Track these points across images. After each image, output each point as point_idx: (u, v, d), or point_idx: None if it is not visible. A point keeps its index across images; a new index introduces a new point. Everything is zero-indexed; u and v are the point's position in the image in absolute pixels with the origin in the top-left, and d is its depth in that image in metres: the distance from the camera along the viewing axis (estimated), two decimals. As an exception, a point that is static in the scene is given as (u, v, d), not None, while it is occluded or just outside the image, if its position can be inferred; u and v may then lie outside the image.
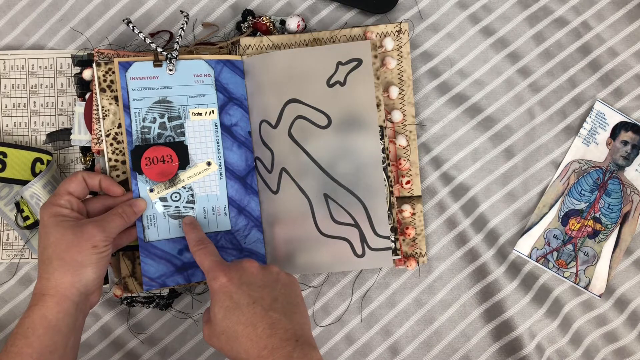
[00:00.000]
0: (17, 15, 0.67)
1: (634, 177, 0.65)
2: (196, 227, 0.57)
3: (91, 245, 0.51)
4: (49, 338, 0.49)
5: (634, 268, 0.65)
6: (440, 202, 0.65)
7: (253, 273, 0.51)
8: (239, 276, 0.50)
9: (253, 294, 0.49)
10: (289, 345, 0.46)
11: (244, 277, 0.50)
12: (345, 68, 0.60)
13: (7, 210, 0.63)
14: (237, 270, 0.50)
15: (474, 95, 0.66)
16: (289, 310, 0.49)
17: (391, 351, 0.64)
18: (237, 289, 0.49)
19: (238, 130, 0.62)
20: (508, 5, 0.67)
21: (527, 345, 0.63)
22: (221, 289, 0.49)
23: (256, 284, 0.50)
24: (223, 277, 0.50)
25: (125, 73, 0.59)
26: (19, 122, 0.66)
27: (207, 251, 0.53)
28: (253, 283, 0.50)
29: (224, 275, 0.50)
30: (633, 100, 0.66)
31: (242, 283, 0.49)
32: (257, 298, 0.49)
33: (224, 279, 0.49)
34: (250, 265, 0.51)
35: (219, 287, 0.49)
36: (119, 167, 0.59)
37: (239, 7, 0.67)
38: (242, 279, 0.50)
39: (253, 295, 0.49)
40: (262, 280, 0.50)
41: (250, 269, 0.51)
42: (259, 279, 0.50)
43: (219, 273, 0.50)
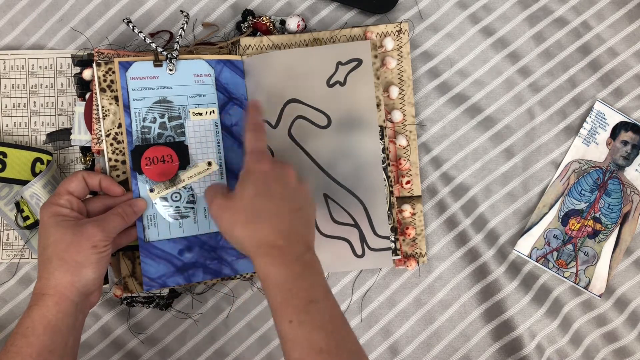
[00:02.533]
0: (17, 15, 0.67)
1: (634, 177, 0.65)
2: (259, 112, 0.56)
3: (91, 245, 0.51)
4: (49, 338, 0.49)
5: (634, 268, 0.65)
6: (440, 202, 0.65)
7: (291, 178, 0.52)
8: (280, 172, 0.51)
9: (286, 192, 0.50)
10: (302, 247, 0.49)
11: (282, 176, 0.51)
12: (345, 68, 0.60)
13: (7, 210, 0.63)
14: (281, 167, 0.52)
15: (474, 95, 0.66)
16: (307, 223, 0.51)
17: (391, 351, 0.64)
18: (275, 180, 0.50)
19: (238, 130, 0.62)
20: (508, 5, 0.67)
21: (527, 345, 0.63)
22: (261, 172, 0.50)
23: (291, 187, 0.51)
24: (267, 164, 0.51)
25: (125, 73, 0.59)
26: (19, 122, 0.66)
27: (260, 137, 0.54)
28: (289, 184, 0.51)
29: (269, 164, 0.51)
30: (633, 100, 0.66)
31: (281, 179, 0.51)
32: (288, 197, 0.50)
33: (267, 166, 0.51)
34: (291, 171, 0.52)
35: (260, 170, 0.51)
36: (119, 167, 0.59)
37: (239, 7, 0.67)
38: (282, 176, 0.51)
39: (285, 193, 0.50)
40: (295, 189, 0.52)
41: (290, 173, 0.52)
42: (294, 185, 0.52)
43: (265, 159, 0.51)
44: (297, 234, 0.49)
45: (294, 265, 0.47)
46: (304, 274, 0.47)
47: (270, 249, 0.48)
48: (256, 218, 0.49)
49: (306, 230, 0.51)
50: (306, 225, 0.51)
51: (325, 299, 0.47)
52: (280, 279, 0.47)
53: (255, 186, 0.50)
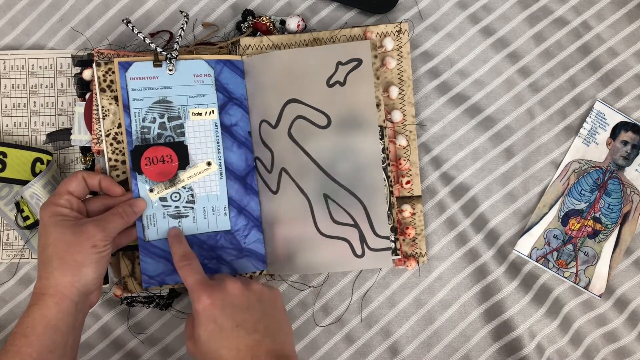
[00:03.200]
0: (17, 15, 0.67)
1: (634, 177, 0.65)
2: (181, 240, 0.57)
3: (91, 245, 0.51)
4: (49, 337, 0.49)
5: (634, 268, 0.65)
6: (440, 202, 0.65)
7: (236, 294, 0.51)
8: (222, 298, 0.50)
9: (236, 317, 0.50)
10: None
11: (227, 299, 0.50)
12: (345, 68, 0.60)
13: (7, 210, 0.63)
14: (220, 291, 0.51)
15: (474, 95, 0.66)
16: (272, 330, 0.50)
17: (391, 351, 0.64)
18: (221, 312, 0.50)
19: (238, 130, 0.62)
20: (508, 5, 0.67)
21: (527, 345, 0.63)
22: (204, 311, 0.50)
23: (239, 307, 0.50)
24: (206, 299, 0.50)
25: (125, 73, 0.59)
26: (19, 122, 0.66)
27: (190, 268, 0.53)
28: (236, 305, 0.50)
29: (207, 297, 0.50)
30: (633, 100, 0.66)
31: (225, 306, 0.50)
32: (240, 321, 0.50)
33: (207, 301, 0.50)
34: (233, 287, 0.51)
35: (202, 309, 0.50)
36: (119, 167, 0.59)
37: (239, 7, 0.67)
38: (225, 301, 0.50)
39: (236, 318, 0.50)
40: (245, 302, 0.51)
41: (233, 290, 0.51)
42: (242, 301, 0.51)
43: (202, 294, 0.50)
44: (262, 353, 0.49)
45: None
46: None
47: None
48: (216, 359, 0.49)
49: (272, 339, 0.50)
50: (271, 333, 0.50)
51: None
52: None
53: (205, 329, 0.50)
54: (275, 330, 0.51)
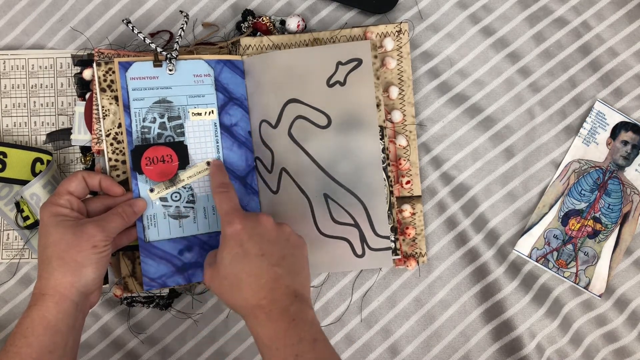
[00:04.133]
0: (17, 15, 0.67)
1: (634, 177, 0.65)
2: (222, 170, 0.57)
3: (91, 245, 0.51)
4: (48, 338, 0.49)
5: (634, 268, 0.65)
6: (440, 202, 0.65)
7: (267, 227, 0.51)
8: (253, 227, 0.51)
9: (263, 246, 0.50)
10: (287, 299, 0.49)
11: (257, 229, 0.51)
12: (345, 68, 0.60)
13: (7, 210, 0.63)
14: (253, 220, 0.51)
15: (474, 95, 0.66)
16: (293, 270, 0.51)
17: (391, 351, 0.64)
18: (249, 238, 0.50)
19: (238, 130, 0.62)
20: (508, 5, 0.67)
21: (527, 345, 0.63)
22: (233, 235, 0.50)
23: (268, 238, 0.51)
24: (238, 224, 0.50)
25: (125, 73, 0.59)
26: (19, 122, 0.66)
27: (228, 196, 0.54)
28: (265, 236, 0.51)
29: (239, 223, 0.50)
30: (633, 100, 0.66)
31: (255, 234, 0.50)
32: (266, 251, 0.50)
33: (238, 226, 0.50)
34: (266, 220, 0.52)
35: (232, 233, 0.50)
36: (119, 167, 0.59)
37: (239, 7, 0.67)
38: (256, 230, 0.51)
39: (263, 248, 0.50)
40: (274, 236, 0.51)
41: (265, 223, 0.52)
42: (271, 235, 0.51)
43: (235, 219, 0.51)
44: (281, 286, 0.49)
45: (279, 322, 0.48)
46: (289, 330, 0.48)
47: (254, 310, 0.49)
48: (236, 284, 0.50)
49: (292, 277, 0.50)
50: (292, 272, 0.51)
51: (312, 350, 0.47)
52: (266, 338, 0.48)
53: (230, 252, 0.50)
54: (296, 271, 0.51)
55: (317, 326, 0.50)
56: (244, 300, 0.49)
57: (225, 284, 0.50)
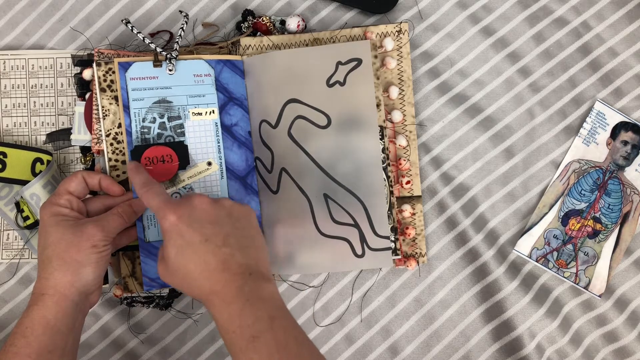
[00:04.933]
0: (17, 15, 0.67)
1: (634, 177, 0.65)
2: (140, 170, 0.55)
3: (91, 245, 0.51)
4: (48, 338, 0.49)
5: (634, 268, 0.65)
6: (440, 202, 0.65)
7: (204, 209, 0.50)
8: (189, 214, 0.49)
9: (205, 231, 0.48)
10: (241, 278, 0.47)
11: (194, 215, 0.49)
12: (345, 68, 0.60)
13: (7, 210, 0.63)
14: (187, 207, 0.49)
15: (474, 95, 0.66)
16: (243, 245, 0.49)
17: (391, 351, 0.64)
18: (188, 227, 0.48)
19: (238, 130, 0.62)
20: (508, 5, 0.67)
21: (527, 345, 0.63)
22: (172, 227, 0.48)
23: (207, 221, 0.49)
24: (172, 216, 0.49)
25: (125, 73, 0.59)
26: (19, 122, 0.66)
27: (153, 191, 0.51)
28: (204, 220, 0.49)
29: (173, 214, 0.49)
30: (633, 100, 0.66)
31: (193, 221, 0.49)
32: (209, 235, 0.48)
33: (173, 218, 0.48)
34: (200, 202, 0.50)
35: (169, 226, 0.49)
36: (119, 167, 0.59)
37: (239, 7, 0.67)
38: (192, 216, 0.49)
39: (205, 232, 0.48)
40: (213, 216, 0.49)
41: (200, 205, 0.50)
42: (210, 215, 0.49)
43: (168, 211, 0.49)
44: (232, 267, 0.48)
45: (233, 305, 0.46)
46: (244, 310, 0.46)
47: (209, 296, 0.48)
48: (186, 274, 0.48)
49: (243, 253, 0.49)
50: (241, 247, 0.49)
51: (270, 329, 0.45)
52: (224, 323, 0.47)
53: (173, 245, 0.49)
54: (246, 245, 0.49)
55: (276, 302, 0.48)
56: (198, 288, 0.48)
57: (177, 276, 0.49)
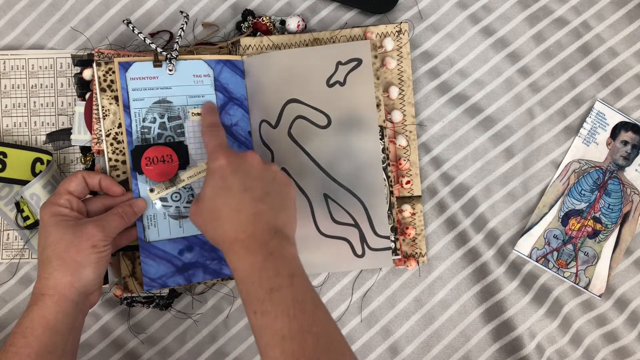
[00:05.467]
0: (17, 15, 0.67)
1: (634, 177, 0.65)
2: (213, 111, 0.58)
3: (91, 245, 0.51)
4: (48, 338, 0.49)
5: (634, 268, 0.65)
6: (440, 202, 0.65)
7: (253, 165, 0.51)
8: (238, 163, 0.51)
9: (246, 182, 0.50)
10: (267, 234, 0.48)
11: (242, 165, 0.51)
12: (345, 68, 0.60)
13: (7, 210, 0.63)
14: (238, 157, 0.51)
15: (474, 95, 0.66)
16: (276, 206, 0.50)
17: (391, 351, 0.64)
18: (233, 173, 0.50)
19: (238, 130, 0.62)
20: (508, 5, 0.67)
21: (527, 345, 0.63)
22: (217, 169, 0.51)
23: (252, 175, 0.51)
24: (223, 159, 0.51)
25: (125, 73, 0.59)
26: (19, 122, 0.66)
27: (216, 134, 0.54)
28: (250, 173, 0.51)
29: (225, 158, 0.51)
30: (633, 100, 0.66)
31: (239, 170, 0.51)
32: (249, 187, 0.50)
33: (223, 161, 0.51)
34: (252, 157, 0.52)
35: (216, 168, 0.51)
36: (119, 167, 0.59)
37: (239, 7, 0.67)
38: (241, 166, 0.51)
39: (246, 183, 0.50)
40: (259, 173, 0.51)
41: (251, 160, 0.52)
42: (257, 171, 0.51)
43: (221, 155, 0.51)
44: (262, 222, 0.49)
45: (256, 255, 0.47)
46: (266, 263, 0.47)
47: (233, 243, 0.48)
48: (217, 217, 0.50)
49: (275, 214, 0.50)
50: (275, 208, 0.50)
51: (290, 285, 0.46)
52: (244, 272, 0.47)
53: (213, 185, 0.50)
54: (280, 208, 0.51)
55: (296, 262, 0.49)
56: (223, 233, 0.49)
57: (206, 217, 0.51)
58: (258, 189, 0.50)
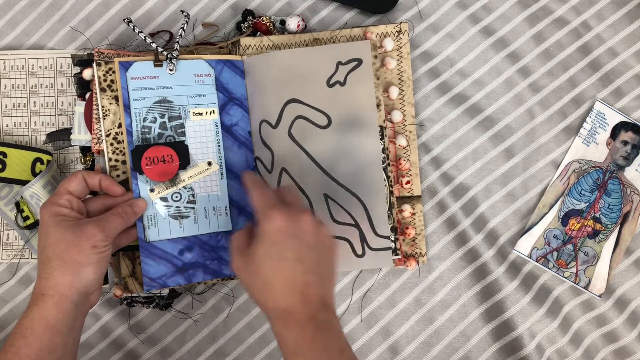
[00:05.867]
0: (17, 15, 0.67)
1: (634, 177, 0.65)
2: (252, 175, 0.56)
3: (91, 245, 0.51)
4: (48, 338, 0.49)
5: (634, 268, 0.65)
6: (440, 202, 0.65)
7: (308, 230, 0.49)
8: (294, 228, 0.49)
9: (300, 251, 0.49)
10: (316, 307, 0.48)
11: (298, 231, 0.49)
12: (345, 68, 0.60)
13: (7, 210, 0.63)
14: (294, 220, 0.49)
15: (474, 95, 0.66)
16: (325, 276, 0.50)
17: (391, 351, 0.64)
18: (287, 239, 0.49)
19: (238, 130, 0.62)
20: (508, 5, 0.67)
21: (527, 345, 0.63)
22: (273, 232, 0.49)
23: (305, 242, 0.49)
24: (279, 221, 0.49)
25: (125, 73, 0.59)
26: (19, 122, 0.66)
27: (264, 191, 0.52)
28: (303, 240, 0.49)
29: (280, 220, 0.49)
30: (633, 100, 0.66)
31: (294, 236, 0.49)
32: (302, 256, 0.48)
33: (279, 223, 0.49)
34: (306, 221, 0.49)
35: (271, 230, 0.49)
36: (119, 167, 0.59)
37: (239, 7, 0.67)
38: (296, 232, 0.49)
39: (299, 252, 0.49)
40: (312, 241, 0.49)
41: (305, 225, 0.49)
42: (309, 238, 0.49)
43: (276, 215, 0.49)
44: (312, 294, 0.48)
45: (306, 328, 0.47)
46: (316, 337, 0.47)
47: (283, 313, 0.48)
48: (267, 283, 0.48)
49: (323, 285, 0.49)
50: (323, 279, 0.49)
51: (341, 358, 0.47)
52: (292, 343, 0.47)
53: (266, 249, 0.49)
54: (327, 278, 0.50)
55: (343, 336, 0.49)
56: (273, 301, 0.48)
57: (255, 280, 0.49)
58: (310, 259, 0.49)
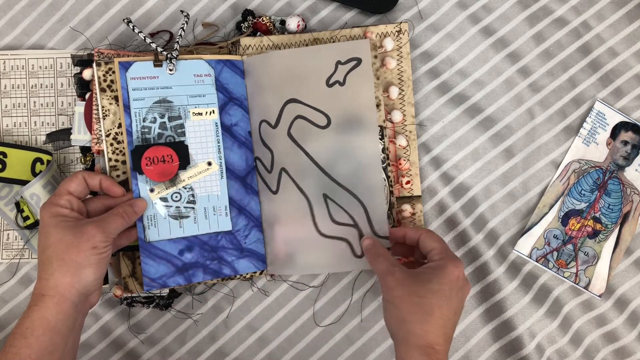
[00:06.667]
0: (17, 15, 0.67)
1: (634, 177, 0.65)
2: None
3: (91, 246, 0.51)
4: (48, 339, 0.49)
5: (634, 268, 0.65)
6: (440, 202, 0.65)
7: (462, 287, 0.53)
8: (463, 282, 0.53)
9: (459, 306, 0.53)
10: (447, 346, 0.51)
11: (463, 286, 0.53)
12: (345, 67, 0.60)
13: (7, 210, 0.63)
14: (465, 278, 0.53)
15: (474, 95, 0.66)
16: (455, 322, 0.53)
17: (391, 351, 0.64)
18: (457, 289, 0.52)
19: (238, 130, 0.62)
20: (508, 5, 0.67)
21: (527, 345, 0.63)
22: (453, 277, 0.52)
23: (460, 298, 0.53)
24: (461, 270, 0.53)
25: (125, 73, 0.59)
26: (19, 122, 0.66)
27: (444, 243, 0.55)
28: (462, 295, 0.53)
29: (462, 269, 0.53)
30: (633, 100, 0.66)
31: (460, 288, 0.53)
32: (458, 310, 0.53)
33: (461, 272, 0.53)
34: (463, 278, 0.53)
35: (453, 273, 0.52)
36: (119, 167, 0.59)
37: (239, 7, 0.67)
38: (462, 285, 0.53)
39: (459, 305, 0.53)
40: (466, 294, 0.54)
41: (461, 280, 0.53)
42: (465, 293, 0.54)
43: (460, 264, 0.53)
44: (450, 335, 0.52)
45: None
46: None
47: (429, 349, 0.50)
48: (427, 312, 0.50)
49: (453, 327, 0.52)
50: (455, 324, 0.53)
51: None
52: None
53: (444, 286, 0.51)
54: (456, 323, 0.53)
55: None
56: (423, 331, 0.50)
57: (415, 308, 0.51)
58: (459, 311, 0.53)
